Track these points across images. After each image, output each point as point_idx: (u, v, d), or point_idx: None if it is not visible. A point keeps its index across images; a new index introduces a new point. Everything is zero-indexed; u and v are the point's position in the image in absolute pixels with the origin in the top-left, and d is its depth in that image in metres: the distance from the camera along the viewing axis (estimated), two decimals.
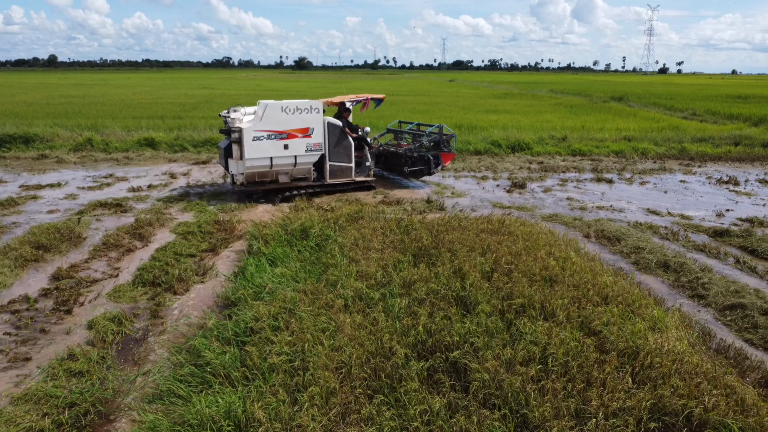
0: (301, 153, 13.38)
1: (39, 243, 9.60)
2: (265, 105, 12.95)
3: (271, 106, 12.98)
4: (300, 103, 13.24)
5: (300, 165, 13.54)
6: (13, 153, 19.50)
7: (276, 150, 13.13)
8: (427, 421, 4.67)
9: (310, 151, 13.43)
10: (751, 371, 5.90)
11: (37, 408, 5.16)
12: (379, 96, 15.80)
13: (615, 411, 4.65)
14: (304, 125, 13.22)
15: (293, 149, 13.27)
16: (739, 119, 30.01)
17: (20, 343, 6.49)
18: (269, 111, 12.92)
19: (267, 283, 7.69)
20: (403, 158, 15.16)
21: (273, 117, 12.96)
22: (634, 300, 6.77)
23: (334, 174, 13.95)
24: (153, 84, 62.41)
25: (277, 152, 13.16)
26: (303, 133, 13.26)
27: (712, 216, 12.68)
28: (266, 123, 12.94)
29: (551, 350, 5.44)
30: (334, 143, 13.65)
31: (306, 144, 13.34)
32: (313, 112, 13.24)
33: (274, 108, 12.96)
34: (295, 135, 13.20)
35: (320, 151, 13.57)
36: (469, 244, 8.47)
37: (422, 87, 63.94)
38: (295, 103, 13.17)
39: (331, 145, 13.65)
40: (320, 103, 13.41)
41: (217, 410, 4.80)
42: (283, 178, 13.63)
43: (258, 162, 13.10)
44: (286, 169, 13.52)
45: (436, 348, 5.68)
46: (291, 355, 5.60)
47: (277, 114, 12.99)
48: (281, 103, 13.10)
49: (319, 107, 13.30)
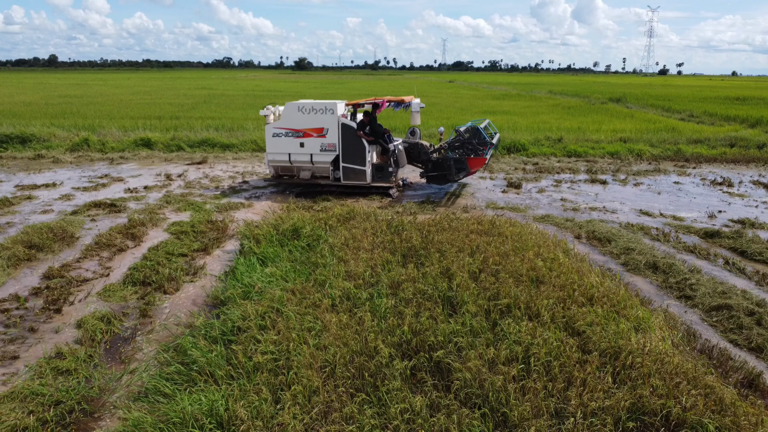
0: (316, 152, 13.87)
1: (32, 242, 9.65)
2: (287, 105, 13.82)
3: (290, 105, 13.78)
4: (316, 103, 13.67)
5: (317, 163, 14.03)
6: (10, 153, 19.56)
7: (293, 147, 13.90)
8: (408, 419, 4.71)
9: (324, 150, 13.83)
10: (734, 372, 5.94)
11: (23, 406, 5.20)
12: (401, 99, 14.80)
13: (594, 410, 4.69)
14: (319, 125, 13.66)
15: (308, 148, 13.85)
16: (736, 121, 30.05)
17: (8, 342, 6.53)
18: (287, 110, 13.79)
19: (256, 283, 7.74)
20: (422, 162, 14.62)
21: (290, 116, 13.76)
22: (620, 301, 6.81)
23: (347, 175, 13.96)
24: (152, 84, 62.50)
25: (294, 149, 13.93)
26: (318, 133, 13.71)
27: (704, 217, 12.72)
28: (284, 121, 13.85)
29: (534, 350, 5.49)
30: (347, 145, 13.68)
31: (321, 143, 13.79)
32: (328, 112, 13.51)
33: (291, 107, 13.73)
34: (310, 134, 13.76)
35: (334, 152, 13.75)
36: (458, 245, 8.51)
37: (422, 88, 64.00)
38: (312, 104, 13.64)
39: (345, 147, 13.70)
40: (336, 104, 13.56)
41: (199, 408, 4.85)
42: (304, 174, 14.34)
43: (278, 157, 14.12)
44: (305, 166, 14.17)
45: (420, 347, 5.72)
46: (276, 354, 5.65)
47: (294, 113, 13.72)
48: (299, 103, 13.75)
49: (335, 108, 13.47)
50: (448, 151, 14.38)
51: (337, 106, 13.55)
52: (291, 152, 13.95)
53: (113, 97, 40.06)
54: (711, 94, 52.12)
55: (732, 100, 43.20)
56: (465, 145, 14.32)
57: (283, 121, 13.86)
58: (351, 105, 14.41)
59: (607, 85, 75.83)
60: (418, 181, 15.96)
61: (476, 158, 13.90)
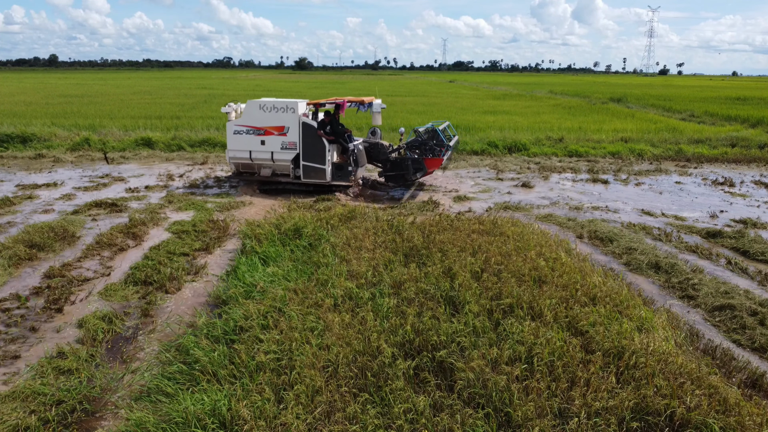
0: (276, 150, 13.96)
1: (33, 242, 9.63)
2: (249, 102, 13.89)
3: (251, 103, 13.87)
4: (278, 102, 13.76)
5: (278, 161, 14.13)
6: (11, 152, 19.54)
7: (254, 145, 13.99)
8: (412, 419, 4.69)
9: (285, 148, 13.92)
10: (737, 372, 5.92)
11: (24, 405, 5.19)
12: (361, 99, 14.71)
13: (598, 410, 4.68)
14: (281, 123, 13.76)
15: (269, 146, 13.93)
16: (737, 121, 30.04)
17: (9, 341, 6.52)
18: (249, 108, 13.89)
19: (258, 282, 7.72)
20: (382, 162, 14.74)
21: (252, 114, 13.86)
22: (623, 300, 6.79)
23: (307, 174, 14.07)
24: (153, 84, 62.49)
25: (255, 147, 14.01)
26: (279, 131, 13.82)
27: (706, 217, 12.70)
28: (246, 119, 13.93)
29: (537, 350, 5.47)
30: (308, 143, 13.79)
31: (281, 142, 13.87)
32: (289, 111, 13.64)
33: (253, 105, 13.83)
34: (271, 132, 13.86)
35: (295, 150, 13.86)
36: (460, 245, 8.50)
37: (422, 88, 64.00)
38: (273, 102, 13.73)
39: (305, 145, 13.81)
40: (297, 103, 13.66)
41: (202, 408, 4.83)
42: (265, 171, 14.46)
43: (239, 154, 14.19)
44: (266, 163, 14.27)
45: (423, 347, 5.71)
46: (278, 353, 5.63)
47: (256, 111, 13.83)
48: (260, 101, 13.83)
49: (296, 107, 13.57)
50: (407, 152, 14.49)
51: (299, 105, 13.70)
52: (252, 150, 14.03)
53: (114, 97, 40.05)
54: (712, 94, 52.10)
55: (733, 100, 43.16)
56: (423, 145, 14.36)
57: (245, 119, 13.95)
58: (313, 104, 14.50)
59: (608, 85, 75.81)
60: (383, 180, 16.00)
61: (433, 159, 14.02)
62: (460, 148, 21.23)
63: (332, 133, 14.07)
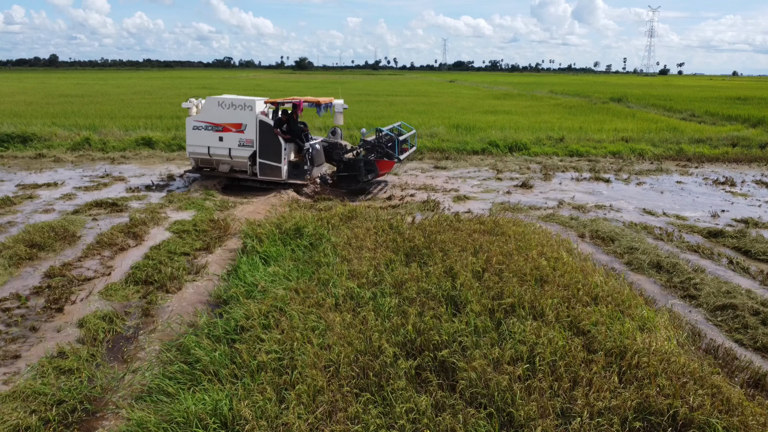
0: (234, 147, 14.09)
1: (33, 241, 9.61)
2: (208, 99, 14.21)
3: (210, 99, 14.11)
4: (236, 99, 13.98)
5: (235, 158, 14.24)
6: (11, 152, 19.52)
7: (212, 141, 14.17)
8: (414, 419, 4.68)
9: (242, 145, 14.05)
10: (739, 371, 5.91)
11: (25, 405, 5.17)
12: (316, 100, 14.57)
13: (600, 410, 4.66)
14: (238, 121, 13.91)
15: (227, 142, 14.10)
16: (738, 120, 30.01)
17: (10, 341, 6.50)
18: (207, 104, 14.14)
19: (259, 282, 7.71)
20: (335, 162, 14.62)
21: (210, 110, 14.05)
22: (624, 300, 6.78)
23: (264, 171, 14.16)
24: (153, 84, 62.49)
25: (214, 143, 14.19)
26: (236, 128, 13.97)
27: (707, 217, 12.69)
28: (205, 115, 14.15)
29: (539, 350, 5.45)
30: (264, 141, 13.88)
31: (239, 139, 14.02)
32: (247, 109, 13.80)
33: (211, 101, 14.05)
34: (229, 129, 14.03)
35: (252, 147, 13.97)
36: (461, 244, 8.48)
37: (422, 88, 63.99)
38: (231, 99, 13.93)
39: (262, 143, 13.91)
40: (255, 101, 13.80)
41: (203, 408, 4.82)
42: (223, 167, 14.60)
43: (198, 149, 14.42)
44: (224, 159, 14.40)
45: (425, 347, 5.69)
46: (280, 353, 5.62)
47: (214, 107, 14.01)
48: (219, 98, 14.03)
49: (253, 105, 13.72)
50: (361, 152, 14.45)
51: (256, 103, 13.82)
52: (210, 145, 14.20)
53: (114, 97, 40.04)
54: (712, 94, 52.06)
55: (733, 100, 43.13)
56: (376, 147, 14.22)
57: (204, 115, 14.15)
58: (271, 103, 14.54)
59: (608, 85, 75.77)
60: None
61: (386, 161, 13.97)
62: (460, 148, 21.22)
63: (289, 132, 14.17)
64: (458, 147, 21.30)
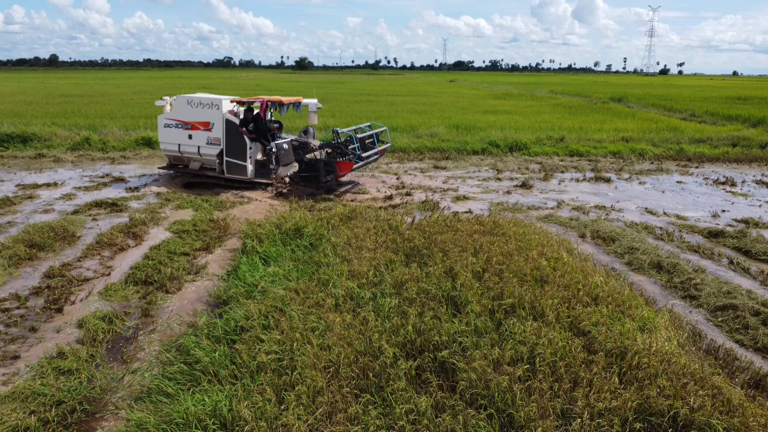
0: (202, 144, 14.40)
1: (33, 242, 9.61)
2: (178, 97, 14.62)
3: (180, 98, 14.50)
4: (203, 97, 14.28)
5: (204, 156, 14.55)
6: (11, 152, 19.52)
7: (183, 138, 14.55)
8: (414, 420, 4.67)
9: (210, 143, 14.34)
10: (740, 372, 5.90)
11: (24, 406, 5.16)
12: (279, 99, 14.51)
13: (601, 411, 4.65)
14: (206, 119, 14.21)
15: (196, 140, 14.43)
16: (738, 120, 29.99)
17: (9, 342, 6.50)
18: (177, 102, 14.53)
19: (259, 282, 7.70)
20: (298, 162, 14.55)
21: (181, 108, 14.44)
22: (625, 300, 6.76)
23: (230, 169, 14.40)
24: (153, 84, 62.45)
25: (184, 141, 14.56)
26: (204, 126, 14.27)
27: (708, 217, 12.68)
28: (175, 113, 14.55)
29: (539, 350, 5.44)
30: (231, 140, 14.09)
31: (207, 137, 14.31)
32: (214, 108, 14.06)
33: (181, 100, 14.44)
34: (198, 127, 14.35)
35: (219, 146, 14.20)
36: (461, 245, 8.47)
37: (422, 87, 63.97)
38: (200, 98, 14.25)
39: (228, 142, 14.12)
40: (222, 100, 14.02)
41: (203, 408, 4.81)
42: (194, 164, 14.97)
43: (169, 147, 14.86)
44: (194, 157, 14.74)
45: (425, 347, 5.68)
46: (280, 353, 5.61)
47: (184, 106, 14.39)
48: (188, 96, 14.39)
49: (220, 104, 13.95)
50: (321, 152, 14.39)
51: (223, 102, 14.04)
52: (180, 143, 14.56)
53: (114, 97, 40.03)
54: (712, 93, 52.04)
55: (733, 100, 43.10)
56: (335, 148, 14.01)
57: (174, 113, 14.52)
58: (237, 102, 14.63)
59: (608, 84, 75.74)
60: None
61: (345, 162, 13.70)
62: (460, 148, 21.20)
63: (255, 131, 14.25)
64: (458, 147, 21.28)
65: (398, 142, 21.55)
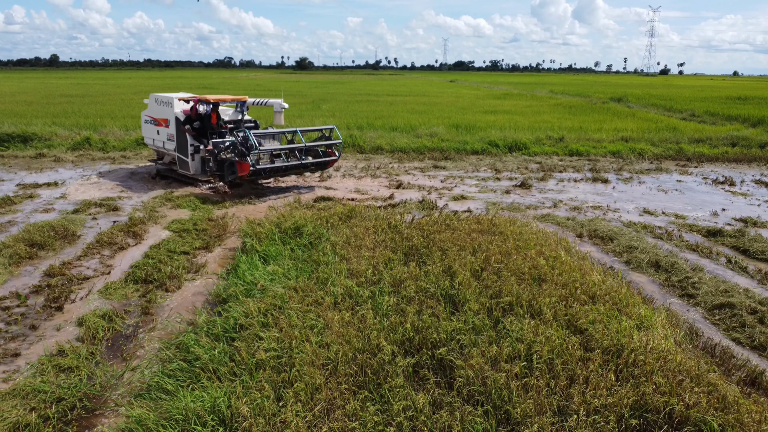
0: (165, 140, 15.15)
1: (33, 241, 9.64)
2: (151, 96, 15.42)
3: (152, 96, 15.33)
4: (164, 96, 15.01)
5: (168, 151, 15.21)
6: (11, 152, 19.55)
7: (154, 134, 15.50)
8: (411, 417, 4.70)
9: (169, 140, 15.00)
10: (736, 370, 5.93)
11: (25, 403, 5.20)
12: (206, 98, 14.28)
13: (597, 408, 4.68)
14: (165, 116, 14.91)
15: (161, 136, 15.25)
16: (738, 120, 30.01)
17: (9, 339, 6.53)
18: (150, 100, 15.39)
19: (259, 281, 7.73)
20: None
21: (152, 106, 15.32)
22: (622, 299, 6.80)
23: (180, 165, 14.98)
24: (154, 84, 62.46)
25: (155, 136, 15.50)
26: (164, 123, 14.99)
27: (707, 216, 12.70)
28: (149, 110, 15.50)
29: (536, 348, 5.47)
30: (179, 137, 14.58)
31: (167, 133, 15.00)
32: (168, 105, 14.67)
33: (153, 98, 15.29)
34: (161, 123, 15.13)
35: (174, 142, 14.73)
36: (459, 244, 8.50)
37: (422, 87, 63.99)
38: (162, 96, 14.93)
39: (177, 138, 14.63)
40: (173, 98, 14.67)
41: (202, 405, 4.84)
42: (166, 158, 15.87)
43: (148, 141, 16.01)
44: (162, 151, 15.53)
45: (423, 345, 5.71)
46: (278, 351, 5.64)
47: (154, 104, 15.27)
48: (157, 96, 15.21)
49: (172, 102, 14.60)
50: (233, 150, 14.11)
51: (174, 100, 14.55)
52: (154, 138, 15.55)
53: (115, 97, 40.07)
54: (712, 93, 52.05)
55: (733, 100, 43.11)
56: (234, 148, 13.40)
57: (149, 110, 15.47)
58: (184, 100, 14.91)
59: (609, 84, 75.75)
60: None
61: (243, 163, 13.11)
62: (460, 148, 21.22)
63: (198, 129, 14.51)
64: (458, 147, 21.31)
65: (398, 142, 21.59)
